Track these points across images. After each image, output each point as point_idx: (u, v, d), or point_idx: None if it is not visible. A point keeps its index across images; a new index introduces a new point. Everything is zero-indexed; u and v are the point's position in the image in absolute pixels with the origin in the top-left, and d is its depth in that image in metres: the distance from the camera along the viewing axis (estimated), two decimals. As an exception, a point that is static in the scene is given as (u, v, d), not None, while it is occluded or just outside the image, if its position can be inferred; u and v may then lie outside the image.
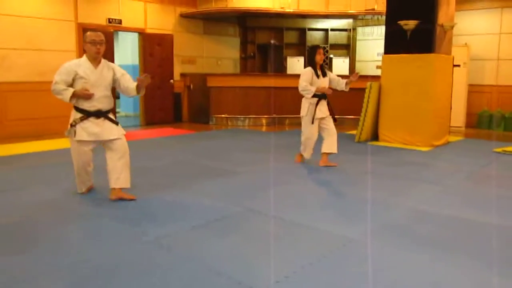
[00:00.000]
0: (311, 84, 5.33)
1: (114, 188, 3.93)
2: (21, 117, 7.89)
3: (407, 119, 7.22)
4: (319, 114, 5.43)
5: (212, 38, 11.22)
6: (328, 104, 5.50)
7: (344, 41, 11.73)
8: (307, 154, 5.61)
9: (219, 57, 11.43)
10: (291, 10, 10.47)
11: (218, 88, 9.95)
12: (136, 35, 9.89)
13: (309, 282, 2.53)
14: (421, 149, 6.89)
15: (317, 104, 5.40)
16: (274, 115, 9.93)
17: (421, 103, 7.07)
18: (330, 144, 5.46)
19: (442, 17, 7.16)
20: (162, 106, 10.01)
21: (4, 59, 7.67)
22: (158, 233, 3.22)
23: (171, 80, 10.09)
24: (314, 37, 11.78)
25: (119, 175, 3.90)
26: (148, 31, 9.76)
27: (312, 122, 5.42)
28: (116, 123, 4.04)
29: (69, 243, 3.07)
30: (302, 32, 11.70)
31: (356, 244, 3.10)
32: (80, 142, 3.89)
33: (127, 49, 11.50)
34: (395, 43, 7.32)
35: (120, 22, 9.22)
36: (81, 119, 3.86)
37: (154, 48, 9.79)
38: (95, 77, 3.88)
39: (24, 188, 4.44)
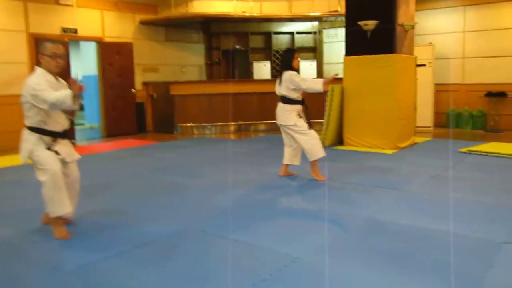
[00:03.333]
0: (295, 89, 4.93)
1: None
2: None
3: (371, 122, 7.04)
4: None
5: (175, 45, 10.92)
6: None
7: (311, 44, 11.56)
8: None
9: (183, 64, 11.14)
10: (254, 14, 10.25)
11: (181, 96, 9.66)
12: (94, 44, 9.54)
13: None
14: (386, 152, 6.70)
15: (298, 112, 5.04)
16: (240, 122, 9.68)
17: (384, 105, 6.90)
18: (293, 157, 5.19)
19: (402, 17, 7.02)
20: (124, 116, 9.66)
21: None
22: (82, 261, 2.91)
23: (133, 90, 9.75)
24: (280, 41, 11.59)
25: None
26: (106, 39, 9.42)
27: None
28: (73, 144, 3.57)
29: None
30: (268, 36, 11.50)
31: (300, 263, 2.84)
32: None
33: (90, 59, 11.08)
34: (356, 44, 7.15)
35: (75, 31, 8.86)
36: (53, 141, 3.32)
37: (113, 57, 9.44)
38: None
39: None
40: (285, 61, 5.11)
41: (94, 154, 7.21)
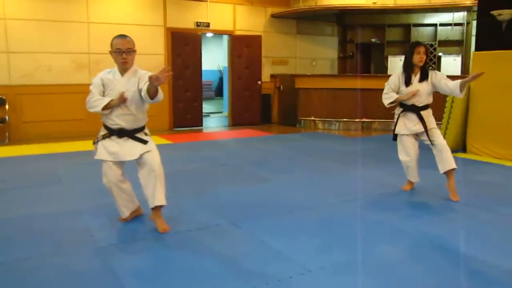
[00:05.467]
0: (397, 92, 4.30)
1: (153, 209, 3.33)
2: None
3: (500, 128, 6.05)
4: (401, 130, 4.33)
5: (306, 38, 10.85)
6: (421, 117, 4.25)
7: (457, 37, 10.38)
8: (411, 178, 4.51)
9: (314, 57, 11.00)
10: (388, 5, 9.57)
11: (306, 89, 9.60)
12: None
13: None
14: (513, 165, 5.70)
15: (399, 116, 4.35)
16: (364, 119, 9.21)
17: (518, 110, 5.86)
18: (442, 161, 4.27)
19: (550, 4, 5.84)
20: (249, 107, 9.98)
21: (98, 64, 8.37)
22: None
23: (259, 82, 10.00)
24: (421, 33, 10.67)
25: (153, 191, 3.27)
26: (237, 32, 9.80)
27: (394, 139, 4.43)
28: (144, 142, 3.35)
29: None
30: (407, 28, 10.67)
31: (309, 275, 2.61)
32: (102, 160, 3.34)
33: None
34: (488, 37, 6.20)
35: (208, 25, 9.42)
36: (104, 137, 3.33)
37: (242, 50, 9.79)
38: (119, 88, 3.26)
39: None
40: (406, 57, 4.35)
41: (206, 141, 7.63)
